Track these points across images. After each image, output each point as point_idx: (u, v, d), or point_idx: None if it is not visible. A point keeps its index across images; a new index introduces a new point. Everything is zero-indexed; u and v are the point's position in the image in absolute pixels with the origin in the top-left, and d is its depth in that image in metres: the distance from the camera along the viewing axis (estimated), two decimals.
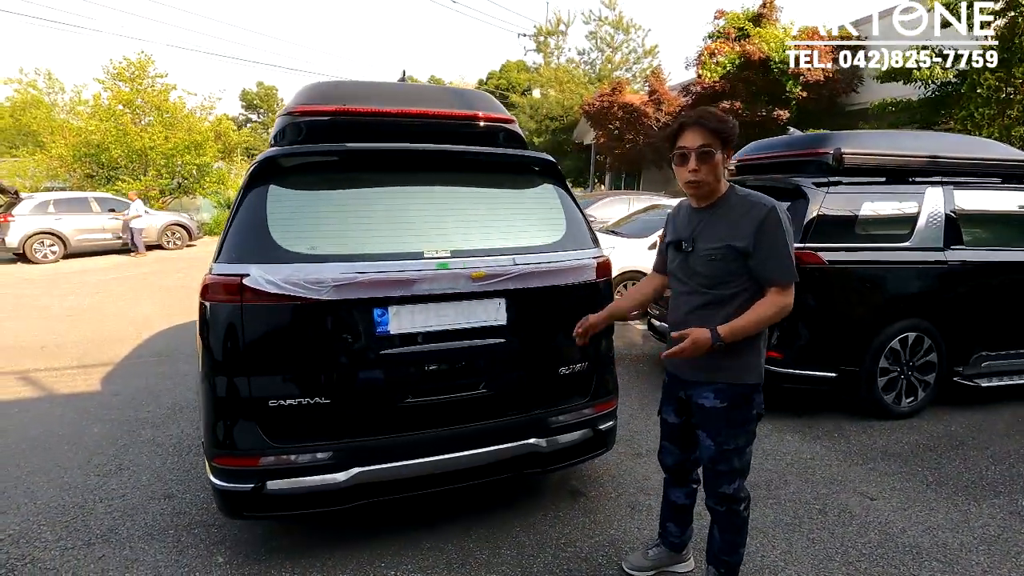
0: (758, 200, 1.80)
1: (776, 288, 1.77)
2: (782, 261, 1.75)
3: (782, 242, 1.74)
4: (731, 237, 1.79)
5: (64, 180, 18.89)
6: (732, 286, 1.82)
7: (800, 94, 11.47)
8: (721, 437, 1.89)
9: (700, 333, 1.75)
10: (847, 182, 3.90)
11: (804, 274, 3.69)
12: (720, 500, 1.96)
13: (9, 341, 6.08)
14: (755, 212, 1.77)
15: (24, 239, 12.42)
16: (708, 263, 1.84)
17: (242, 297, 2.04)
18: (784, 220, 1.77)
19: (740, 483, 1.96)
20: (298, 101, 2.65)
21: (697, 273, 1.87)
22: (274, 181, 2.26)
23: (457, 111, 2.79)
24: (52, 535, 2.56)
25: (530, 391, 2.46)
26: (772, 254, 1.75)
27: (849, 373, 3.80)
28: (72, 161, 18.18)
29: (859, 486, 3.01)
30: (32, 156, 19.04)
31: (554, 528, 2.61)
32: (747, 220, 1.77)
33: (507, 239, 2.42)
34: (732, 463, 1.91)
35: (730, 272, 1.81)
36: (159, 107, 18.86)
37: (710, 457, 1.93)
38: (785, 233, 1.75)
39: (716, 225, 1.84)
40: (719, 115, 1.81)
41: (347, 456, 2.18)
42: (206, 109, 21.42)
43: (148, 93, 18.89)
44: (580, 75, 29.68)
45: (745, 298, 1.81)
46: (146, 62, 18.84)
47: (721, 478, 1.93)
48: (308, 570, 2.31)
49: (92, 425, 3.81)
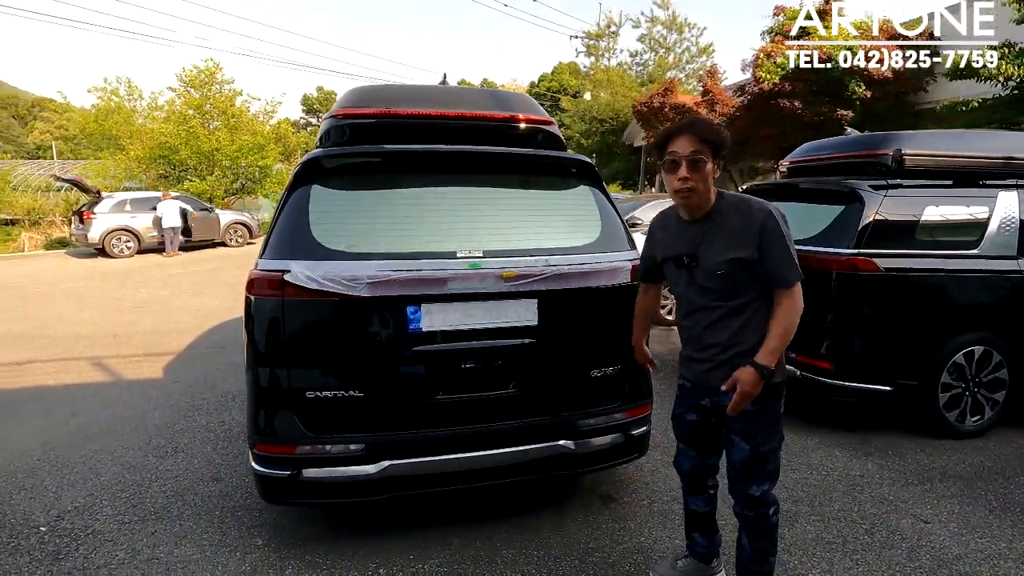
0: (752, 206, 1.79)
1: (783, 289, 1.77)
2: (790, 264, 1.75)
3: (784, 243, 1.75)
4: (735, 249, 1.77)
5: (140, 180, 20.26)
6: (745, 295, 1.82)
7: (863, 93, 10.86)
8: (757, 440, 1.86)
9: (746, 376, 1.75)
10: (908, 185, 3.68)
11: (858, 282, 3.54)
12: (749, 504, 1.91)
13: (86, 330, 6.58)
14: (754, 219, 1.76)
15: (103, 235, 13.41)
16: (718, 277, 1.82)
17: (283, 292, 2.14)
18: (782, 220, 1.77)
19: (770, 486, 1.91)
20: (342, 104, 2.75)
21: (708, 289, 1.86)
22: (317, 181, 2.36)
23: (496, 113, 2.82)
24: (112, 509, 2.76)
25: (560, 392, 2.46)
26: (780, 259, 1.75)
27: (906, 388, 3.58)
28: (148, 162, 19.48)
29: (912, 507, 2.83)
30: (113, 158, 20.51)
31: (583, 532, 2.59)
32: (747, 229, 1.76)
33: (540, 240, 2.43)
34: (766, 465, 1.88)
35: (741, 283, 1.81)
36: (225, 111, 19.92)
37: (743, 460, 1.89)
38: (784, 233, 1.76)
39: (716, 238, 1.82)
40: (711, 124, 1.82)
41: (378, 449, 2.24)
42: (268, 113, 22.48)
43: (216, 98, 20.01)
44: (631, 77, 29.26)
45: (759, 304, 1.82)
46: (214, 69, 19.95)
47: (752, 480, 1.89)
48: (339, 558, 2.38)
49: (154, 410, 4.07)
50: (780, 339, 1.75)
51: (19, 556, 2.40)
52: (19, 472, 3.13)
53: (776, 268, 1.75)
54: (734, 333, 1.83)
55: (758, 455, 1.86)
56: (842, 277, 3.55)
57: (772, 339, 1.75)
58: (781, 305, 1.77)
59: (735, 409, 1.78)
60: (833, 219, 3.78)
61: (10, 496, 2.88)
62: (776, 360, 1.76)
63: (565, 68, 41.92)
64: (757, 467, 1.87)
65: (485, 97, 3.06)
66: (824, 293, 3.61)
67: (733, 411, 1.79)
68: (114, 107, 22.59)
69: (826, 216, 3.84)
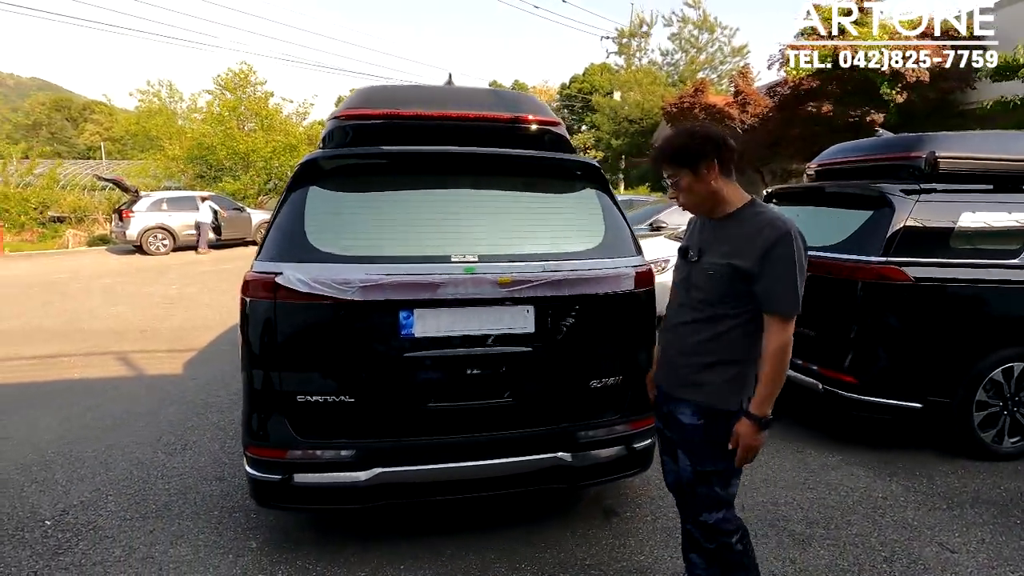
0: (772, 221, 1.63)
1: (778, 318, 1.62)
2: (787, 290, 1.59)
3: (791, 270, 1.59)
4: (736, 255, 1.65)
5: (179, 180, 20.97)
6: (727, 307, 1.69)
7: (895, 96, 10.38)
8: (696, 457, 1.75)
9: (745, 429, 1.65)
10: (942, 189, 3.46)
11: (886, 292, 3.35)
12: (705, 533, 1.80)
13: (116, 325, 6.80)
14: (766, 233, 1.61)
15: (141, 233, 13.91)
16: (708, 278, 1.71)
17: (275, 295, 2.12)
18: (797, 246, 1.60)
19: (726, 514, 1.78)
20: (346, 105, 2.73)
21: (696, 287, 1.75)
22: (315, 183, 2.33)
23: (502, 114, 2.75)
24: (116, 505, 2.80)
25: (558, 403, 2.37)
26: (779, 282, 1.60)
27: (938, 405, 3.36)
28: (186, 163, 20.14)
29: (938, 534, 2.65)
30: (153, 158, 21.29)
31: (580, 548, 2.50)
32: (756, 241, 1.62)
33: (539, 245, 2.35)
34: (712, 489, 1.75)
35: (728, 293, 1.68)
36: (259, 113, 20.44)
37: (687, 479, 1.79)
38: (795, 261, 1.59)
39: (724, 240, 1.70)
40: (677, 140, 1.70)
41: (369, 456, 2.20)
42: (301, 114, 22.96)
43: (250, 100, 20.54)
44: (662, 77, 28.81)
45: (739, 322, 1.68)
46: (248, 71, 20.48)
47: (699, 503, 1.78)
48: (330, 565, 2.35)
49: (169, 406, 4.14)
50: (771, 384, 1.62)
51: (22, 549, 2.45)
52: (34, 465, 3.21)
53: (773, 289, 1.61)
54: (702, 341, 1.72)
55: (699, 474, 1.75)
56: (868, 287, 3.36)
57: (763, 386, 1.63)
58: (771, 340, 1.62)
59: (740, 463, 1.70)
60: (860, 225, 3.58)
61: (22, 488, 2.96)
62: (770, 406, 1.64)
63: (597, 69, 41.54)
64: (703, 487, 1.76)
65: (491, 98, 2.99)
66: (849, 303, 3.43)
67: (739, 464, 1.71)
68: (156, 109, 23.45)
69: (853, 222, 3.65)
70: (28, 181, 17.21)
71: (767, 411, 1.63)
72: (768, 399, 1.63)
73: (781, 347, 1.61)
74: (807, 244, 1.67)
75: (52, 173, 18.03)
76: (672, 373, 1.83)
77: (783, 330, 1.61)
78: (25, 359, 5.43)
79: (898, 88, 10.44)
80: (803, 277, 1.61)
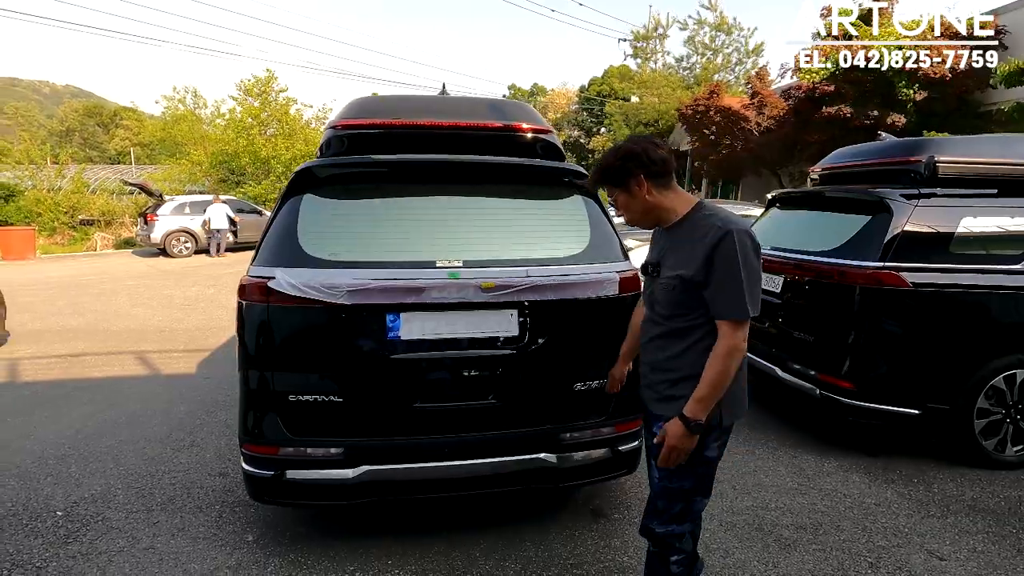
0: (715, 223, 1.57)
1: (723, 324, 1.56)
2: (733, 293, 1.53)
3: (736, 270, 1.52)
4: (683, 265, 1.62)
5: (202, 184, 21.49)
6: (689, 318, 1.65)
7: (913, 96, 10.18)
8: (666, 472, 1.72)
9: (672, 428, 1.61)
10: (943, 194, 3.43)
11: (883, 297, 3.33)
12: (652, 539, 1.82)
13: (136, 325, 7.03)
14: (710, 237, 1.56)
15: (165, 236, 14.31)
16: (664, 292, 1.69)
17: (268, 298, 2.21)
18: (744, 246, 1.53)
19: (676, 528, 1.76)
20: (342, 115, 2.83)
21: (657, 301, 1.73)
22: (309, 191, 2.43)
23: (493, 122, 2.82)
24: (124, 498, 2.93)
25: (542, 405, 2.42)
26: (723, 285, 1.54)
27: (937, 412, 3.32)
28: (209, 167, 20.64)
29: (928, 542, 2.63)
30: (178, 163, 21.87)
31: (566, 547, 2.55)
32: (700, 246, 1.58)
33: (524, 250, 2.41)
34: (673, 505, 1.74)
35: (684, 305, 1.64)
36: (280, 119, 20.86)
37: (654, 491, 1.80)
38: (743, 261, 1.52)
39: (675, 251, 1.68)
40: (603, 160, 1.70)
41: (357, 454, 2.28)
42: (320, 120, 23.35)
43: (272, 106, 20.98)
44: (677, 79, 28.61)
45: (702, 334, 1.63)
46: (270, 78, 20.93)
47: (656, 514, 1.79)
48: (321, 558, 2.44)
49: (181, 404, 4.30)
50: (710, 387, 1.56)
51: (34, 537, 2.59)
52: (50, 459, 3.37)
53: (718, 294, 1.56)
54: (670, 356, 1.70)
55: (665, 489, 1.74)
56: (866, 292, 3.34)
57: (701, 387, 1.57)
58: (719, 343, 1.56)
59: (663, 463, 1.66)
60: (858, 230, 3.57)
61: (38, 481, 3.11)
62: (705, 410, 1.58)
63: (615, 71, 41.42)
64: (664, 502, 1.75)
65: (483, 107, 3.07)
66: (846, 309, 3.42)
67: (661, 464, 1.67)
68: (181, 115, 24.09)
69: (851, 227, 3.63)
70: (59, 185, 17.81)
71: (700, 415, 1.58)
72: (704, 402, 1.57)
73: (727, 351, 1.55)
74: (757, 244, 1.59)
75: (77, 177, 18.61)
76: (648, 389, 1.82)
77: (732, 334, 1.55)
78: (54, 357, 5.66)
79: (915, 87, 10.25)
80: (753, 278, 1.55)
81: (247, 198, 18.17)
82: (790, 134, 12.60)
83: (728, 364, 1.55)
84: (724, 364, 1.55)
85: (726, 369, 1.56)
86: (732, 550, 2.55)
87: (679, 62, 30.70)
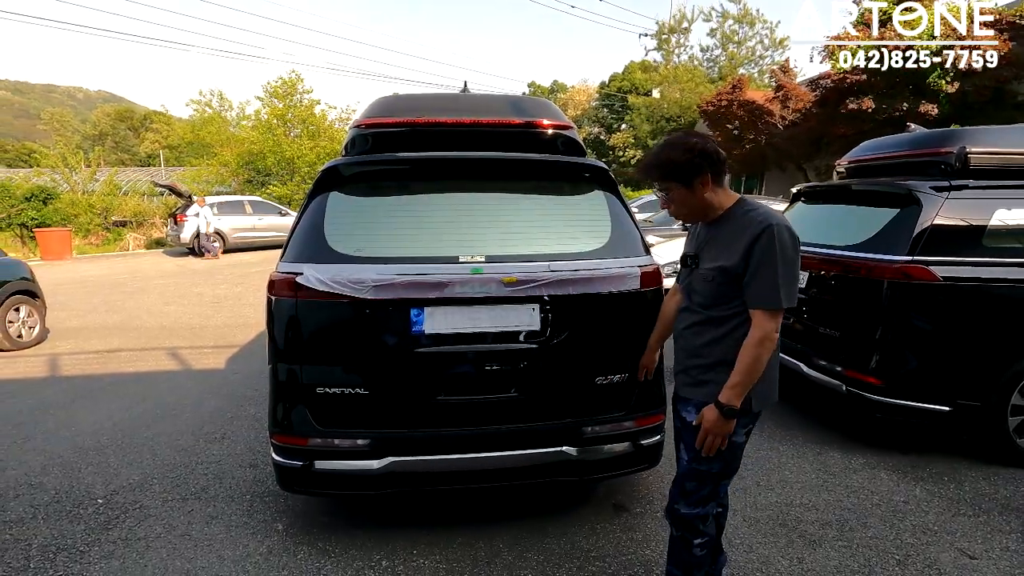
0: (756, 217, 1.65)
1: (758, 312, 1.62)
2: (768, 283, 1.59)
3: (773, 261, 1.59)
4: (724, 257, 1.69)
5: (229, 185, 21.96)
6: (724, 309, 1.72)
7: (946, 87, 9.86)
8: (693, 453, 1.78)
9: (708, 414, 1.68)
10: (975, 186, 3.34)
11: (912, 292, 3.27)
12: (675, 521, 1.87)
13: (168, 322, 7.25)
14: (751, 230, 1.63)
15: (193, 236, 14.65)
16: (704, 283, 1.75)
17: (297, 293, 2.28)
18: (783, 240, 1.59)
19: (701, 511, 1.81)
20: (365, 114, 2.88)
21: (695, 291, 1.80)
22: (335, 189, 2.49)
23: (514, 119, 2.85)
24: (160, 487, 3.04)
25: (564, 398, 2.44)
26: (759, 274, 1.61)
27: (968, 409, 3.25)
28: (236, 168, 21.08)
29: (959, 540, 2.58)
30: (207, 164, 22.38)
31: (587, 540, 2.57)
32: (742, 239, 1.64)
33: (545, 245, 2.43)
34: (702, 487, 1.79)
35: (723, 295, 1.71)
36: (305, 120, 21.20)
37: (682, 472, 1.84)
38: (780, 253, 1.58)
39: (716, 244, 1.74)
40: (672, 154, 1.68)
41: (383, 445, 2.34)
42: (344, 121, 23.65)
43: (297, 108, 21.33)
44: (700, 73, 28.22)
45: (738, 323, 1.70)
46: (296, 80, 21.27)
47: (683, 496, 1.83)
48: (348, 547, 2.51)
49: (211, 398, 4.43)
50: (743, 374, 1.62)
51: (77, 523, 2.71)
52: (90, 449, 3.51)
53: (753, 283, 1.63)
54: (706, 343, 1.76)
55: (693, 471, 1.79)
56: (894, 286, 3.28)
57: (735, 374, 1.64)
58: (753, 331, 1.63)
59: (700, 447, 1.73)
60: (886, 223, 3.50)
61: (79, 470, 3.25)
62: (739, 397, 1.64)
63: (636, 67, 41.02)
64: (692, 484, 1.80)
65: (504, 104, 3.09)
66: (873, 303, 3.36)
67: (698, 448, 1.73)
68: (209, 118, 24.64)
69: (878, 220, 3.57)
70: (92, 188, 18.40)
71: (735, 401, 1.64)
72: (738, 388, 1.63)
73: (760, 338, 1.61)
74: (796, 239, 1.64)
75: (110, 179, 19.18)
76: (683, 374, 1.88)
77: (765, 323, 1.61)
78: (91, 353, 5.87)
79: (948, 79, 9.94)
80: (790, 271, 1.60)
81: (272, 198, 18.51)
82: (816, 127, 12.36)
83: (760, 352, 1.61)
84: (756, 352, 1.61)
85: (759, 356, 1.61)
86: (755, 546, 2.54)
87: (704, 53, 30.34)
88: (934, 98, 10.11)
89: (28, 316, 6.28)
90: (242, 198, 16.38)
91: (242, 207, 15.70)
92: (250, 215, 15.69)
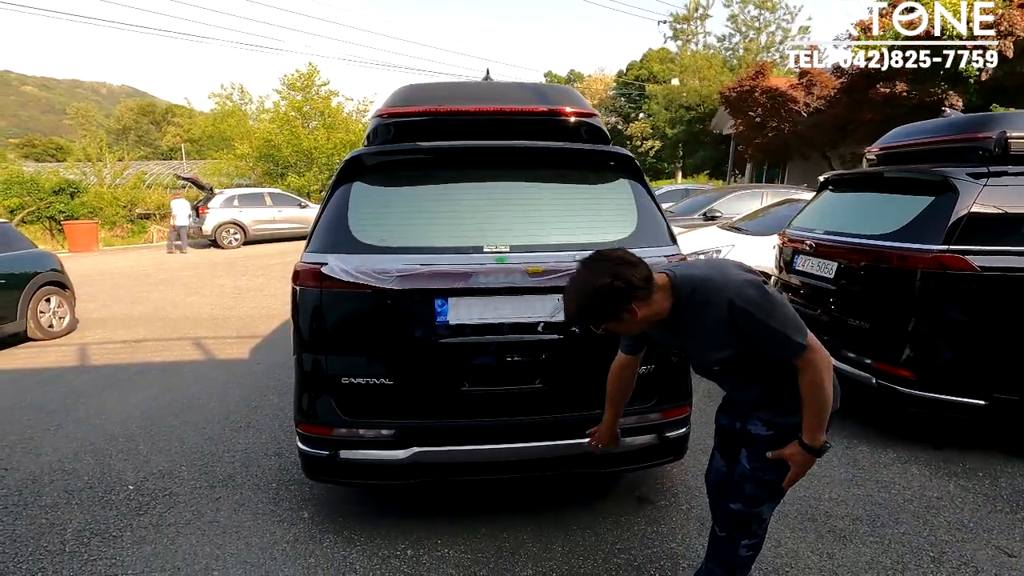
0: (710, 297, 1.51)
1: (794, 361, 1.53)
2: (778, 339, 1.49)
3: (763, 324, 1.47)
4: (715, 349, 1.59)
5: (248, 177, 22.21)
6: (761, 366, 1.62)
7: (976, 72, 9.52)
8: (758, 462, 1.71)
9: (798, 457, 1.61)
10: (1015, 172, 3.22)
11: (947, 282, 3.17)
12: (724, 519, 1.81)
13: (191, 312, 7.36)
14: (714, 314, 1.51)
15: (215, 228, 14.86)
16: (720, 369, 1.68)
17: (321, 284, 2.28)
18: (749, 301, 1.47)
19: (750, 510, 1.75)
20: (387, 104, 2.86)
21: (714, 372, 1.73)
22: (358, 178, 2.48)
23: (537, 107, 2.81)
24: (188, 475, 3.09)
25: (588, 390, 2.41)
26: (765, 339, 1.51)
27: (1005, 403, 3.15)
28: (255, 161, 21.30)
29: (996, 537, 2.51)
30: (225, 157, 22.65)
31: (612, 532, 2.55)
32: (718, 325, 1.52)
33: (570, 235, 2.40)
34: (761, 492, 1.73)
35: (748, 367, 1.63)
36: (322, 111, 21.30)
37: (740, 474, 1.77)
38: (759, 312, 1.47)
39: (694, 337, 1.61)
40: (585, 301, 1.51)
41: (407, 435, 2.34)
42: (361, 112, 23.72)
43: (314, 100, 21.44)
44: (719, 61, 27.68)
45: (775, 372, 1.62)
46: (313, 72, 21.36)
47: (740, 497, 1.76)
48: (373, 536, 2.52)
49: (236, 388, 4.49)
50: (816, 416, 1.56)
51: (109, 509, 2.77)
52: (120, 437, 3.59)
53: (767, 347, 1.53)
54: (752, 397, 1.72)
55: (755, 477, 1.72)
56: (928, 276, 3.18)
57: (808, 418, 1.57)
58: (801, 380, 1.54)
59: (790, 484, 1.68)
60: (920, 212, 3.39)
61: (110, 457, 3.32)
62: (822, 432, 1.58)
63: (655, 55, 40.40)
64: (751, 486, 1.73)
65: (527, 92, 3.05)
66: (906, 294, 3.27)
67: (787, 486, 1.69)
68: (229, 111, 24.89)
69: (912, 208, 3.46)
70: (119, 182, 18.75)
71: (818, 440, 1.57)
72: (815, 429, 1.57)
73: (809, 382, 1.53)
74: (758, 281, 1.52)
75: (139, 174, 19.56)
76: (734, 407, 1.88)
77: (805, 367, 1.53)
78: (118, 343, 6.00)
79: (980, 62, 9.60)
80: (782, 313, 1.49)
81: (290, 190, 18.67)
82: (841, 114, 12.04)
83: (820, 393, 1.53)
84: (814, 391, 1.54)
85: (822, 397, 1.54)
86: (784, 540, 2.50)
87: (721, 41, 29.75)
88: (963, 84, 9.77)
89: (58, 307, 6.43)
90: (262, 190, 16.53)
91: (262, 199, 15.85)
92: (270, 207, 15.84)
